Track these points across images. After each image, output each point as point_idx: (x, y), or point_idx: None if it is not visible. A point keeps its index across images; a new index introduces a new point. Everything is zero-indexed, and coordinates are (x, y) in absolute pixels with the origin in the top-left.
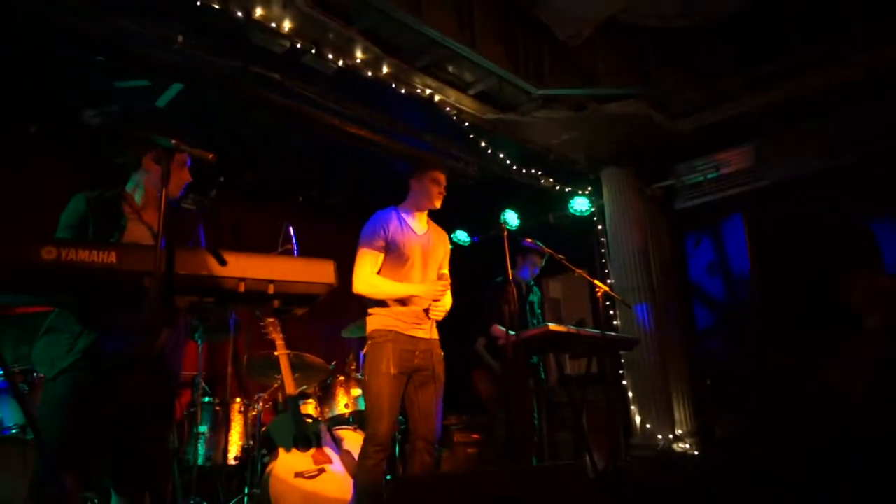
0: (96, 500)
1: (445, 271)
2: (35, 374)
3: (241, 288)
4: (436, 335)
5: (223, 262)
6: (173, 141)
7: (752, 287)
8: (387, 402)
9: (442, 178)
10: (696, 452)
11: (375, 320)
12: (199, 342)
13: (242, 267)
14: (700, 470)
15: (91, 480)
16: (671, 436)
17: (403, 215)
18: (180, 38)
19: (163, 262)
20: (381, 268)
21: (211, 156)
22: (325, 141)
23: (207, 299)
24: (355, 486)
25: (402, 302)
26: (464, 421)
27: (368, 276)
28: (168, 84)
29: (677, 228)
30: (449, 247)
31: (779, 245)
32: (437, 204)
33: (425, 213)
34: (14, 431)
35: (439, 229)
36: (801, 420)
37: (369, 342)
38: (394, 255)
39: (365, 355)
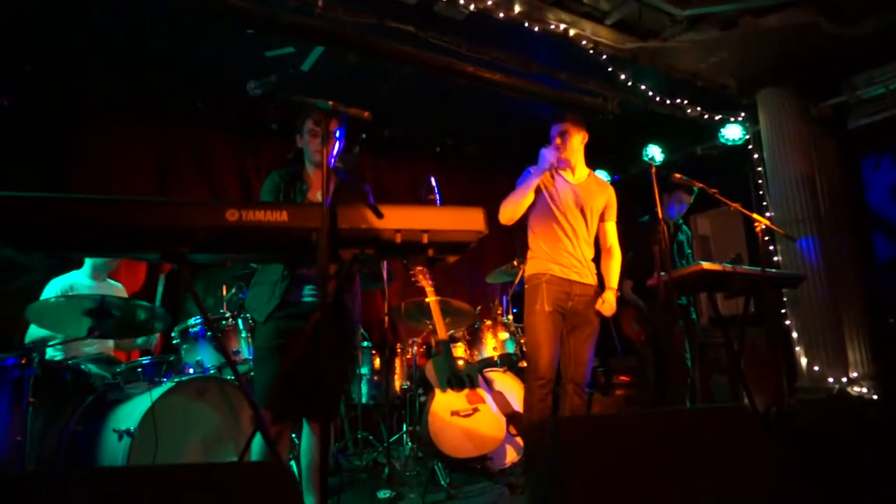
0: (294, 436)
1: (611, 223)
2: (250, 319)
3: (398, 239)
4: (594, 280)
5: (380, 215)
6: (330, 102)
7: None
8: (543, 337)
9: (560, 127)
10: (875, 396)
11: (532, 264)
12: None
13: (398, 218)
14: (882, 415)
15: (288, 415)
16: (845, 379)
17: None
18: (320, 3)
19: (327, 218)
20: (531, 220)
21: (367, 114)
22: (460, 90)
23: (368, 250)
24: (523, 420)
25: (555, 248)
26: (616, 364)
27: (506, 199)
28: (310, 49)
29: (851, 151)
30: (614, 199)
31: None
32: (561, 156)
33: (580, 161)
34: (213, 372)
35: (601, 180)
36: None
37: (527, 286)
38: (542, 202)
39: (525, 298)
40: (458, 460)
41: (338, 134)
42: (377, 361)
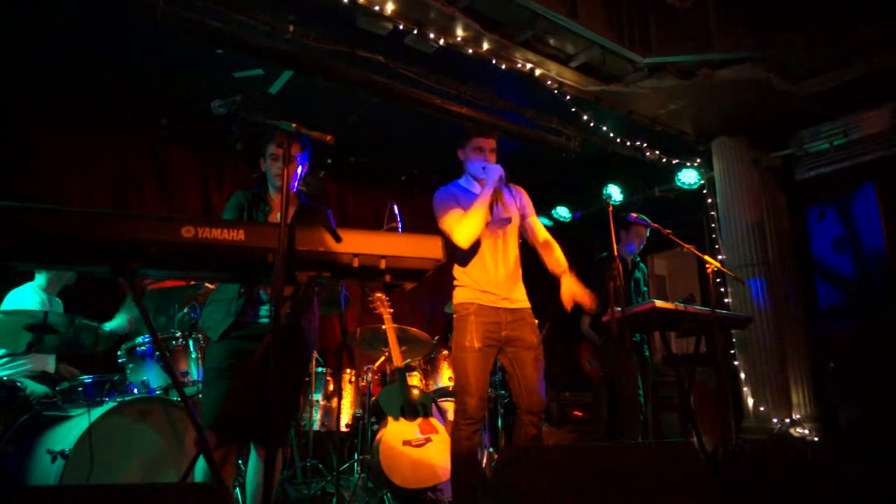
0: (241, 462)
1: (534, 218)
2: (201, 340)
3: (356, 263)
4: (525, 304)
5: (338, 239)
6: (293, 125)
7: (886, 262)
8: (472, 377)
9: (484, 142)
10: (816, 438)
11: (459, 293)
12: None
13: (356, 243)
14: (821, 457)
15: (234, 438)
16: (788, 420)
17: (463, 191)
18: (291, 28)
19: (285, 239)
20: (454, 250)
21: (329, 137)
22: (426, 121)
23: (325, 273)
24: (451, 459)
25: (484, 274)
26: (567, 397)
27: (456, 221)
28: (280, 72)
29: (798, 201)
30: (527, 198)
31: None
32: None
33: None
34: (158, 392)
35: (513, 187)
36: None
37: (455, 316)
38: None
39: (452, 330)
40: (408, 491)
41: (300, 158)
42: (330, 387)
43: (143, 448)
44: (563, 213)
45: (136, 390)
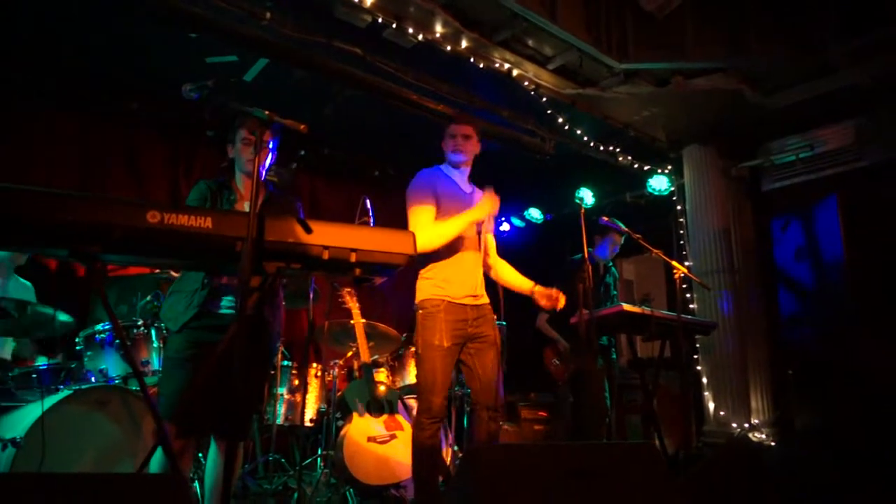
0: (200, 455)
1: (490, 236)
2: (164, 329)
3: (326, 256)
4: (486, 300)
5: (309, 230)
6: (266, 112)
7: (845, 273)
8: (440, 375)
9: (456, 128)
10: (772, 443)
11: (426, 287)
12: None
13: (327, 235)
14: (777, 461)
15: (193, 430)
16: (747, 424)
17: (445, 176)
18: (268, 15)
19: (254, 228)
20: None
21: (303, 126)
22: (403, 117)
23: (294, 265)
24: (412, 456)
25: (453, 269)
26: (531, 398)
27: (426, 226)
28: (255, 59)
29: (763, 211)
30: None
31: (877, 230)
32: (460, 157)
33: (467, 172)
34: (117, 382)
35: (480, 190)
36: (892, 414)
37: (420, 312)
38: (443, 213)
39: (416, 325)
40: (370, 487)
41: (271, 145)
42: (295, 381)
43: (99, 438)
44: (535, 214)
45: (93, 378)
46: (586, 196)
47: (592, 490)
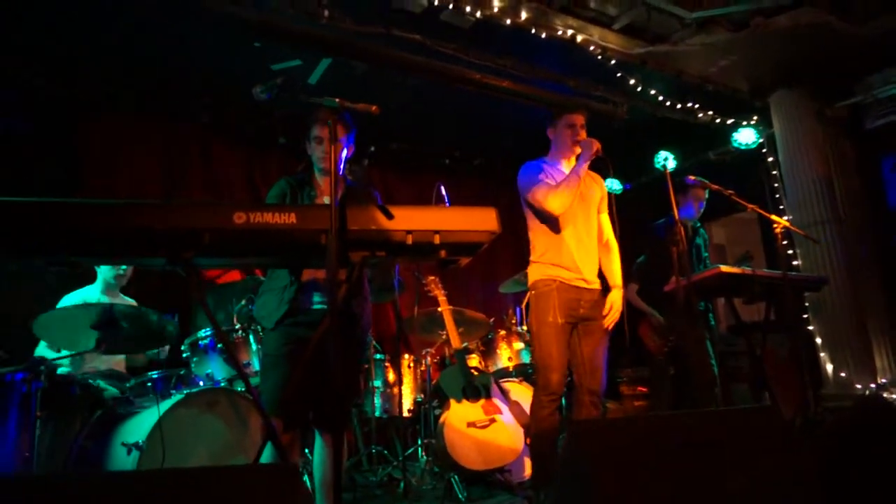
0: (307, 451)
1: (605, 216)
2: (260, 331)
3: (409, 240)
4: (598, 285)
5: (390, 216)
6: (337, 100)
7: None
8: (556, 351)
9: (577, 118)
10: None
11: (538, 270)
12: None
13: (409, 219)
14: None
15: (297, 423)
16: (873, 385)
17: (551, 166)
18: (326, 13)
19: (336, 219)
20: (535, 218)
21: (374, 108)
22: (467, 101)
23: (379, 253)
24: (532, 435)
25: (563, 253)
26: (629, 374)
27: (551, 191)
28: (317, 62)
29: (869, 151)
30: (606, 190)
31: None
32: (577, 149)
33: (572, 161)
34: (223, 384)
35: (592, 173)
36: None
37: (532, 293)
38: None
39: (528, 306)
40: (475, 473)
41: (346, 141)
42: (390, 374)
43: (211, 437)
44: (613, 185)
45: (201, 382)
46: (666, 159)
47: (712, 461)
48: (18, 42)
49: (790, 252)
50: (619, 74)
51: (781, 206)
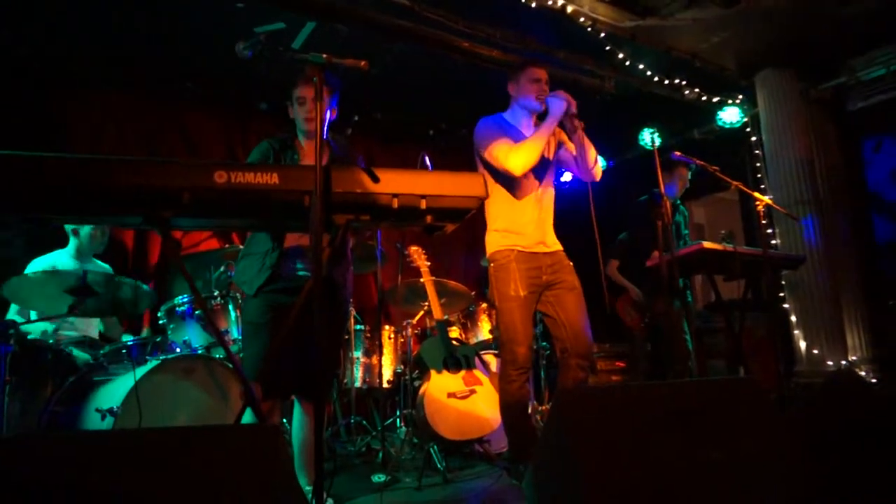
0: (284, 420)
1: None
2: (239, 298)
3: (395, 204)
4: (558, 247)
5: (376, 179)
6: (324, 55)
7: None
8: (521, 325)
9: (539, 73)
10: (874, 380)
11: (495, 240)
12: None
13: (395, 183)
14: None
15: (278, 390)
16: (843, 362)
17: (510, 126)
18: None
19: (321, 180)
20: (491, 187)
21: (364, 63)
22: (453, 71)
23: (363, 216)
24: (502, 408)
25: (520, 218)
26: (606, 349)
27: (512, 149)
28: (301, 25)
29: (851, 133)
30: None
31: None
32: (543, 105)
33: (533, 119)
34: (200, 351)
35: (557, 129)
36: None
37: (491, 265)
38: None
39: (489, 279)
40: (454, 443)
41: (330, 101)
42: (370, 344)
43: (188, 404)
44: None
45: (178, 349)
46: (649, 136)
47: (695, 429)
48: None
49: (769, 231)
50: (608, 48)
51: (763, 186)
